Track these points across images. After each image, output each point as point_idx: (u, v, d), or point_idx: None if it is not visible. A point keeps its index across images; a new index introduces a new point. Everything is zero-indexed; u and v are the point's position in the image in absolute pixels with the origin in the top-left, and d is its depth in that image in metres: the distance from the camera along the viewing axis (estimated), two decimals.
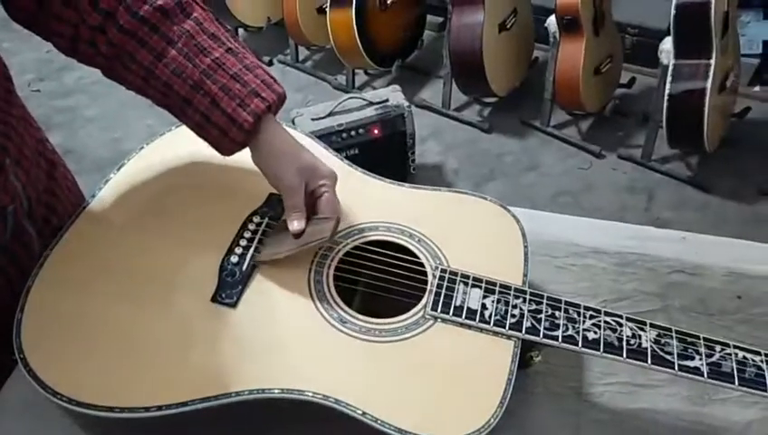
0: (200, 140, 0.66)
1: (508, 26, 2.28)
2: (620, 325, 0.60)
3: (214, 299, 0.62)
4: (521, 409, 0.62)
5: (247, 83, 0.63)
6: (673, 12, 1.90)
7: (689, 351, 0.58)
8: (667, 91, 1.96)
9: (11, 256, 0.66)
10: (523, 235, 0.69)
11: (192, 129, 0.66)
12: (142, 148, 0.76)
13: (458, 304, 0.62)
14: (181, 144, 0.75)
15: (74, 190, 0.78)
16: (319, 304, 0.62)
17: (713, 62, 1.91)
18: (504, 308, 0.61)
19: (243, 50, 0.66)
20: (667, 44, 1.98)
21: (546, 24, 2.18)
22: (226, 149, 0.65)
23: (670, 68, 1.96)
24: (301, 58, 2.76)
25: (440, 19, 2.72)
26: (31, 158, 0.69)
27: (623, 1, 2.47)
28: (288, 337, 0.60)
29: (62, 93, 2.58)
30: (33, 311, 0.60)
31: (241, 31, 2.87)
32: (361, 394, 0.56)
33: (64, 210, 0.73)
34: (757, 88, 2.45)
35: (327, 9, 2.36)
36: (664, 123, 2.02)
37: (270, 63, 2.75)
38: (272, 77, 0.67)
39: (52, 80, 2.63)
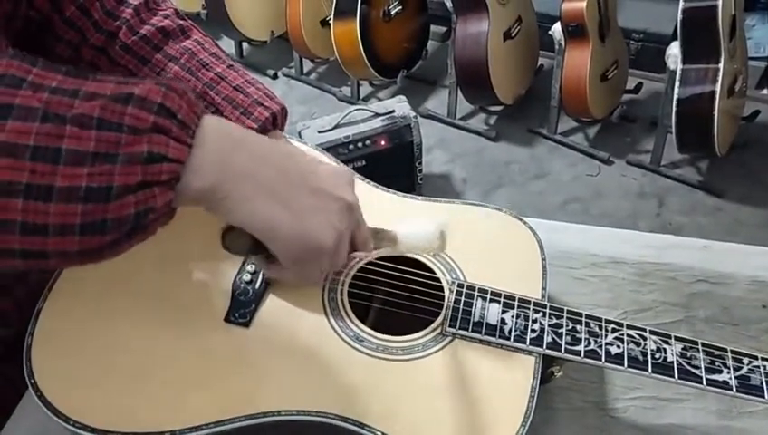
0: None
1: (513, 35, 2.28)
2: (644, 339, 0.58)
3: (227, 319, 0.61)
4: (543, 426, 0.61)
5: (250, 94, 0.64)
6: (680, 16, 1.89)
7: (717, 364, 0.57)
8: (675, 96, 1.95)
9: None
10: (541, 246, 0.68)
11: None
12: None
13: (477, 319, 0.60)
14: None
15: None
16: (334, 322, 0.61)
17: (721, 66, 1.90)
18: (523, 323, 0.60)
19: (242, 69, 0.67)
20: (674, 49, 1.97)
21: (551, 32, 2.17)
22: None
23: (678, 73, 1.95)
24: (305, 71, 2.76)
25: (444, 29, 2.72)
26: None
27: (628, 7, 2.47)
28: (304, 357, 0.58)
29: None
30: (44, 334, 0.59)
31: (245, 45, 2.88)
32: (381, 415, 0.54)
33: None
34: (765, 91, 2.43)
35: (331, 21, 2.36)
36: (673, 128, 2.00)
37: (275, 77, 2.76)
38: (272, 93, 0.67)
39: None
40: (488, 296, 0.62)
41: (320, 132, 1.94)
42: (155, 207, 0.42)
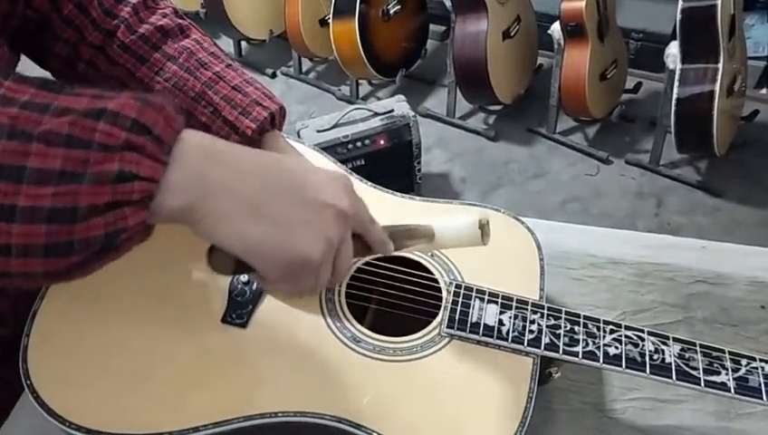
0: None
1: (512, 34, 2.28)
2: (642, 340, 0.58)
3: (224, 320, 0.60)
4: (541, 427, 0.61)
5: (249, 94, 0.63)
6: (679, 16, 1.89)
7: (715, 365, 0.56)
8: (674, 96, 1.95)
9: None
10: (539, 247, 0.67)
11: None
12: None
13: (474, 320, 0.60)
14: None
15: None
16: (331, 323, 0.61)
17: (720, 65, 1.90)
18: (521, 324, 0.60)
19: (241, 68, 0.66)
20: (674, 49, 1.96)
21: (550, 31, 2.17)
22: None
23: (677, 72, 1.95)
24: (304, 70, 2.76)
25: (443, 28, 2.72)
26: None
27: (627, 6, 2.47)
28: (301, 358, 0.58)
29: None
30: (40, 334, 0.59)
31: (244, 44, 2.88)
32: (378, 416, 0.54)
33: None
34: (764, 90, 2.43)
35: (330, 21, 2.36)
36: (672, 128, 2.00)
37: (273, 76, 2.75)
38: (271, 92, 0.66)
39: None
40: (486, 297, 0.62)
41: (318, 132, 1.93)
42: (126, 228, 0.41)
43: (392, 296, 0.64)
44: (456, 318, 0.60)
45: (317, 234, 0.47)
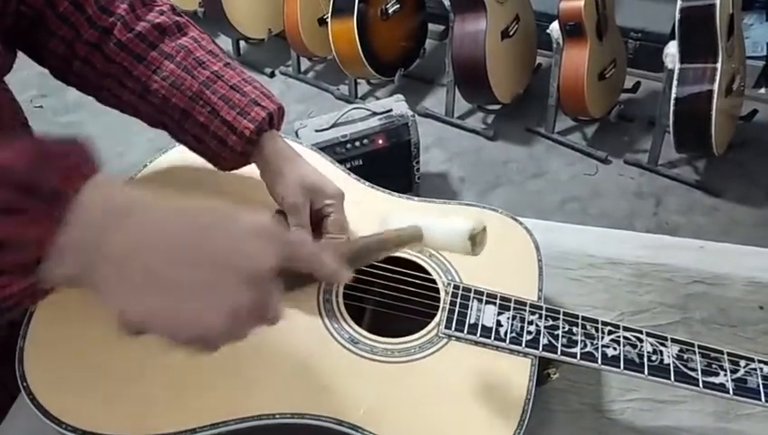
0: (200, 159, 0.65)
1: (511, 33, 2.27)
2: (641, 341, 0.58)
3: None
4: (540, 428, 0.60)
5: (247, 94, 0.63)
6: (678, 16, 1.89)
7: (713, 366, 0.56)
8: (673, 96, 1.95)
9: None
10: (537, 247, 0.67)
11: (190, 144, 0.64)
12: (145, 165, 0.75)
13: (472, 321, 0.60)
14: (183, 162, 0.74)
15: None
16: (329, 324, 0.60)
17: (719, 65, 1.90)
18: (519, 325, 0.60)
19: (239, 67, 0.66)
20: (672, 48, 1.96)
21: (549, 30, 2.17)
22: (226, 161, 0.64)
23: (676, 72, 1.95)
24: (303, 69, 2.76)
25: (442, 27, 2.71)
26: None
27: (625, 5, 2.47)
28: (298, 359, 0.58)
29: (65, 109, 2.58)
30: (36, 336, 0.58)
31: (242, 43, 2.87)
32: (376, 418, 0.54)
33: None
34: (763, 90, 2.43)
35: (328, 20, 2.36)
36: (671, 128, 2.00)
37: (272, 75, 2.75)
38: (269, 91, 0.66)
39: (54, 96, 2.63)
40: (484, 298, 0.61)
41: (317, 131, 1.93)
42: (11, 294, 0.38)
43: (390, 297, 0.64)
44: (454, 319, 0.60)
45: (219, 301, 0.40)
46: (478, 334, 0.59)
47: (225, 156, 0.63)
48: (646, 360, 0.57)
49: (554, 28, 2.14)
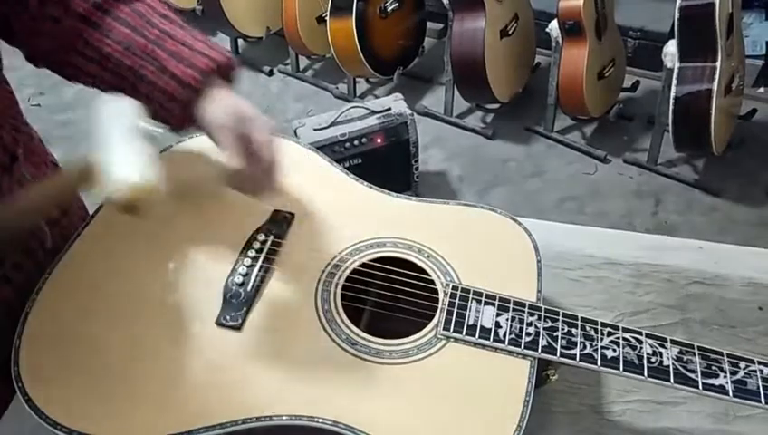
0: (201, 157, 0.64)
1: (510, 32, 2.27)
2: (640, 342, 0.58)
3: (218, 322, 0.60)
4: (539, 429, 0.60)
5: (194, 47, 0.61)
6: (677, 15, 1.88)
7: (713, 368, 0.56)
8: (672, 95, 1.94)
9: (28, 251, 0.66)
10: (536, 248, 0.67)
11: (145, 104, 0.62)
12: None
13: (471, 322, 0.60)
14: (183, 160, 0.73)
15: (79, 196, 0.78)
16: (327, 325, 0.60)
17: (718, 64, 1.89)
18: (518, 326, 0.59)
19: (196, 30, 0.64)
20: (671, 47, 1.96)
21: (548, 29, 2.16)
22: (176, 118, 0.61)
23: (675, 71, 1.94)
24: (301, 68, 2.75)
25: (440, 26, 2.71)
26: (39, 154, 0.69)
27: (625, 4, 2.46)
28: (295, 361, 0.58)
29: (63, 107, 2.57)
30: (32, 337, 0.58)
31: (240, 41, 2.86)
32: (372, 419, 0.53)
33: (74, 212, 0.73)
34: (762, 89, 2.43)
35: (327, 18, 2.35)
36: (670, 127, 2.00)
37: (270, 73, 2.74)
38: (222, 47, 0.64)
39: (51, 94, 2.62)
40: (483, 299, 0.61)
41: (315, 130, 1.92)
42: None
43: (389, 298, 0.63)
44: (453, 320, 0.60)
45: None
46: (477, 336, 0.59)
47: (173, 110, 0.61)
48: (645, 361, 0.56)
49: (553, 27, 2.13)
